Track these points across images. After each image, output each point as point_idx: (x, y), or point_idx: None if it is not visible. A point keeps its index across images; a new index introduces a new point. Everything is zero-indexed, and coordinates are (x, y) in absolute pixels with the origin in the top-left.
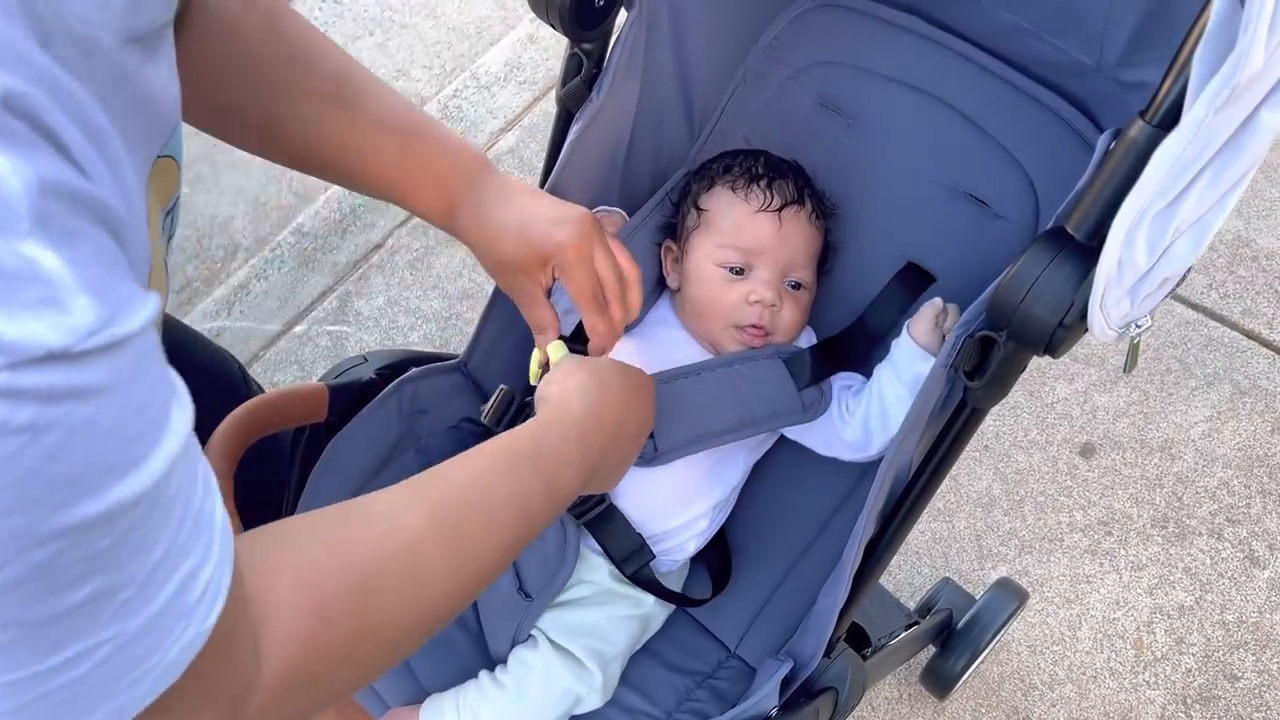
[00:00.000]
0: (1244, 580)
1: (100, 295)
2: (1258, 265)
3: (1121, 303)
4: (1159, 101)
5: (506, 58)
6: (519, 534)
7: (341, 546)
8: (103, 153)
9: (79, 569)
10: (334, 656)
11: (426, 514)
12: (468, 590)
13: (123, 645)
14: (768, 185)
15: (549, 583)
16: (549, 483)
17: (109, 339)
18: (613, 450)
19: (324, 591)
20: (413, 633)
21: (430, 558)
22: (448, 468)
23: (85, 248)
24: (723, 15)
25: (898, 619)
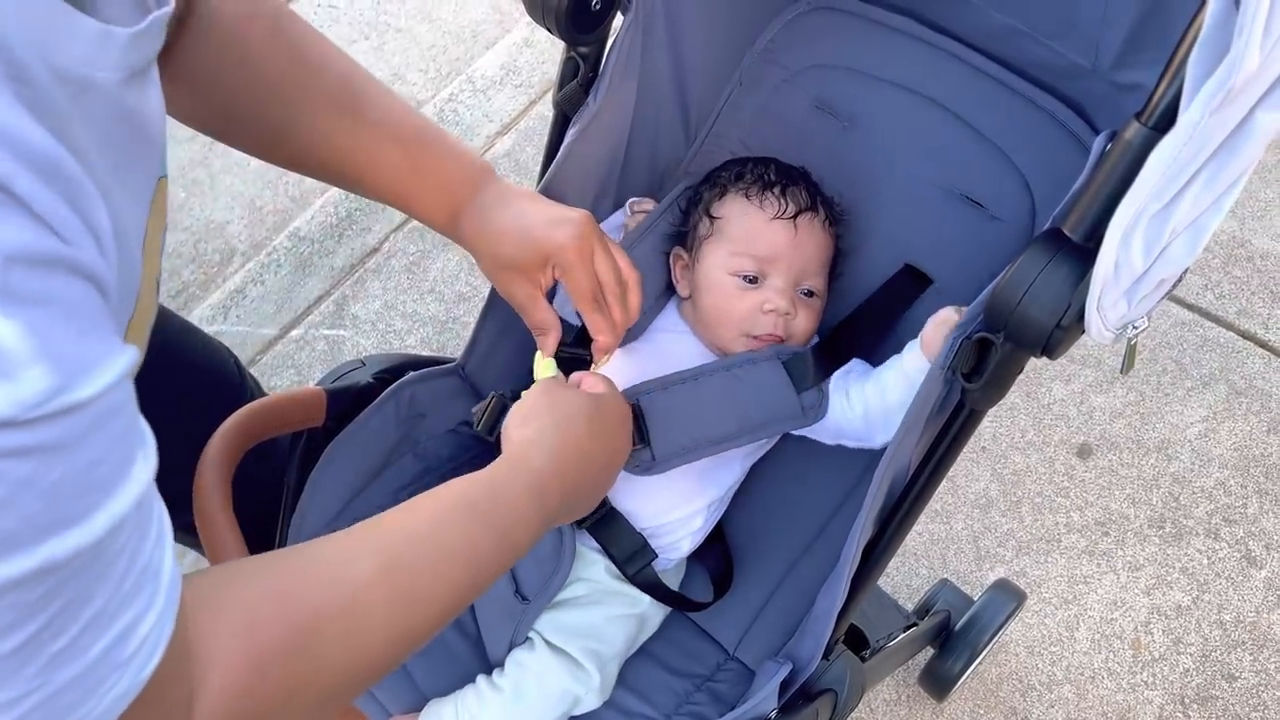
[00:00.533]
0: (1241, 580)
1: (58, 362)
2: (1253, 266)
3: (1119, 304)
4: (1154, 104)
5: (502, 61)
6: (468, 586)
7: (284, 595)
8: (74, 204)
9: (8, 618)
10: (268, 709)
11: (373, 565)
12: (412, 640)
13: (52, 695)
14: (782, 192)
15: (546, 584)
16: (502, 535)
17: (60, 406)
18: (574, 493)
19: (261, 642)
20: (351, 683)
21: (373, 609)
22: (400, 515)
23: (54, 311)
24: (718, 19)
25: (896, 621)
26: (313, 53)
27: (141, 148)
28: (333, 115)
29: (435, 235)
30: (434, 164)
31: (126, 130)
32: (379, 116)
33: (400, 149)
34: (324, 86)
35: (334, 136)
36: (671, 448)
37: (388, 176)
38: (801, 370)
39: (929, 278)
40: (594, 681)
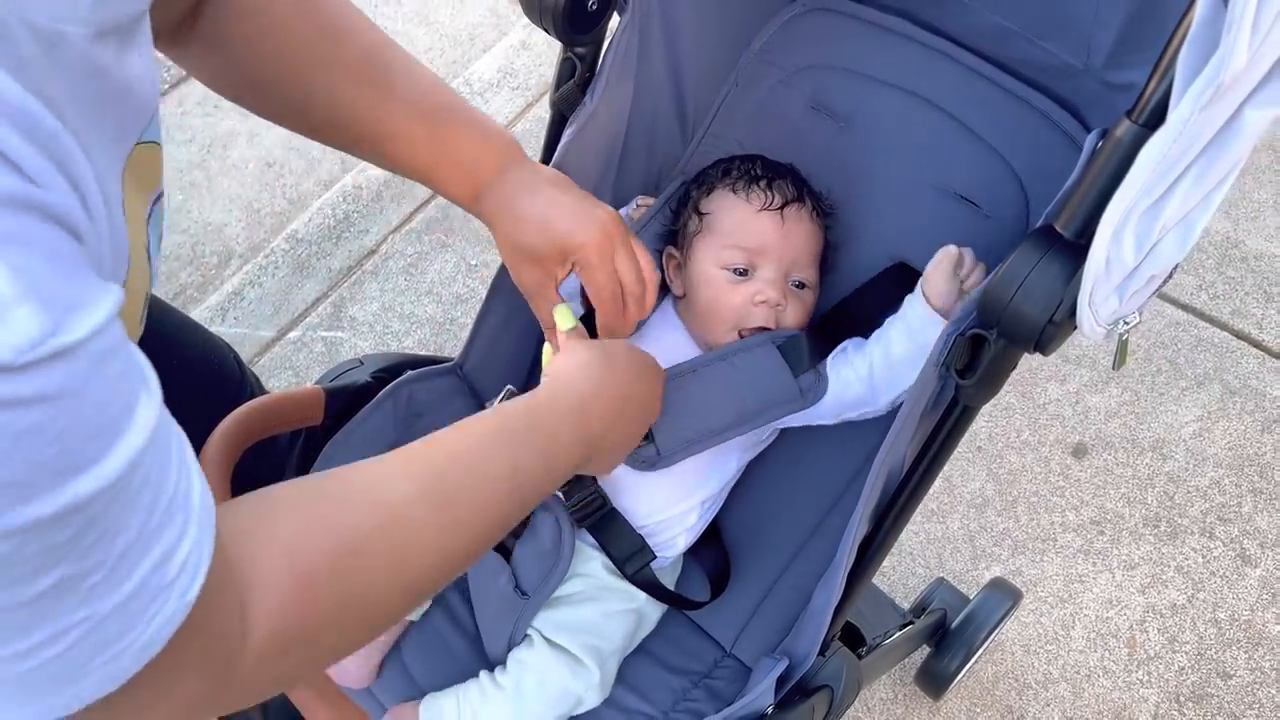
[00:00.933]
0: (1236, 579)
1: (46, 303)
2: (1246, 266)
3: (1110, 300)
4: (1145, 101)
5: (499, 64)
6: (511, 507)
7: (327, 517)
8: (53, 155)
9: (39, 560)
10: (319, 623)
11: (415, 485)
12: (457, 561)
13: (96, 625)
14: (768, 185)
15: (545, 579)
16: (544, 457)
17: (54, 348)
18: (612, 430)
19: (309, 561)
20: (399, 601)
21: (418, 529)
22: (441, 438)
23: (34, 252)
24: (714, 19)
25: (892, 619)
26: (341, 23)
27: (114, 108)
28: (357, 88)
29: (433, 237)
30: (457, 141)
31: (97, 87)
32: (405, 91)
33: (424, 124)
34: (350, 59)
35: (358, 109)
36: (676, 441)
37: (410, 152)
38: (797, 353)
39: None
40: (594, 678)
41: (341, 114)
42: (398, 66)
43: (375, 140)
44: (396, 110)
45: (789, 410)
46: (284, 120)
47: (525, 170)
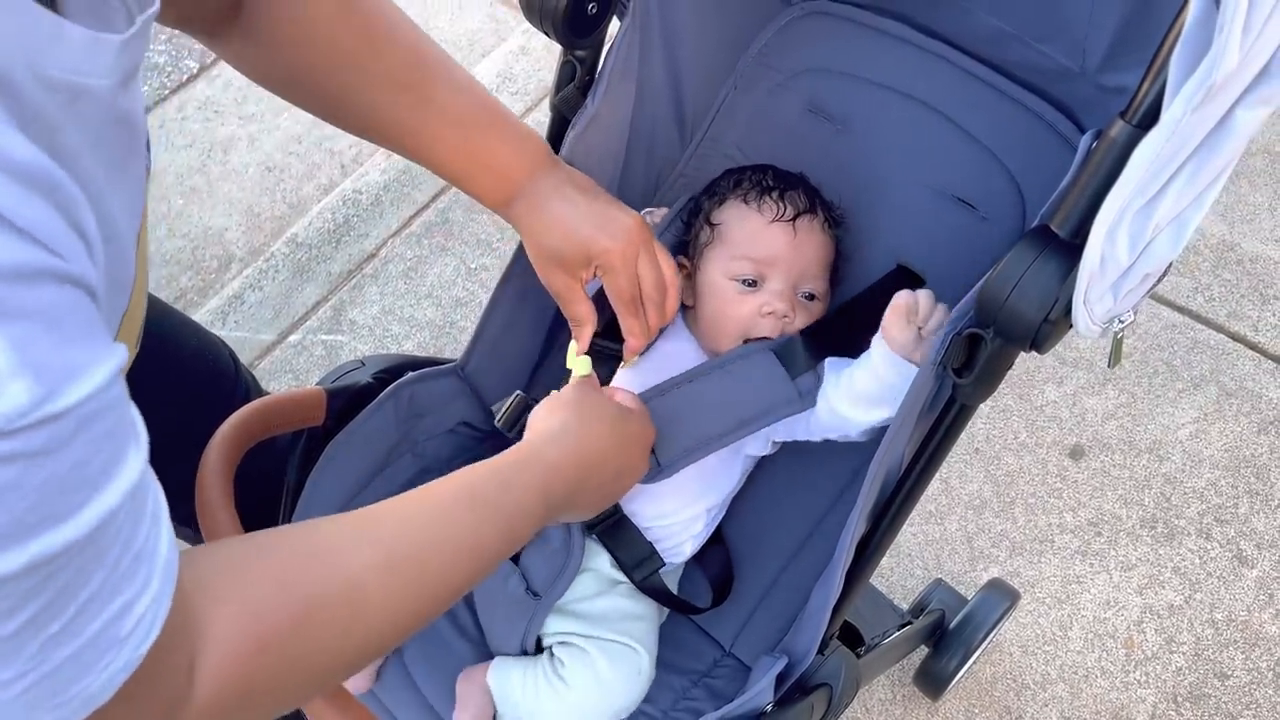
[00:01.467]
0: (1232, 579)
1: (41, 374)
2: (1242, 269)
3: (1105, 298)
4: (1138, 101)
5: (499, 69)
6: (470, 574)
7: (287, 580)
8: (66, 214)
9: (5, 605)
10: (266, 685)
11: (374, 553)
12: (411, 626)
13: (51, 672)
14: (780, 196)
15: (556, 579)
16: (506, 526)
17: (43, 415)
18: (580, 492)
19: (265, 624)
20: (348, 664)
21: (374, 596)
22: (406, 503)
23: (35, 323)
24: (713, 23)
25: (891, 619)
26: (381, 27)
27: (134, 146)
28: (394, 93)
29: (433, 240)
30: (489, 148)
31: (121, 132)
32: (441, 97)
33: (458, 131)
34: (388, 65)
35: (394, 113)
36: (676, 451)
37: (443, 157)
38: (793, 356)
39: (920, 277)
40: (644, 660)
41: (377, 117)
42: (436, 70)
43: (409, 144)
44: (432, 117)
45: (789, 412)
46: (321, 114)
47: (554, 175)
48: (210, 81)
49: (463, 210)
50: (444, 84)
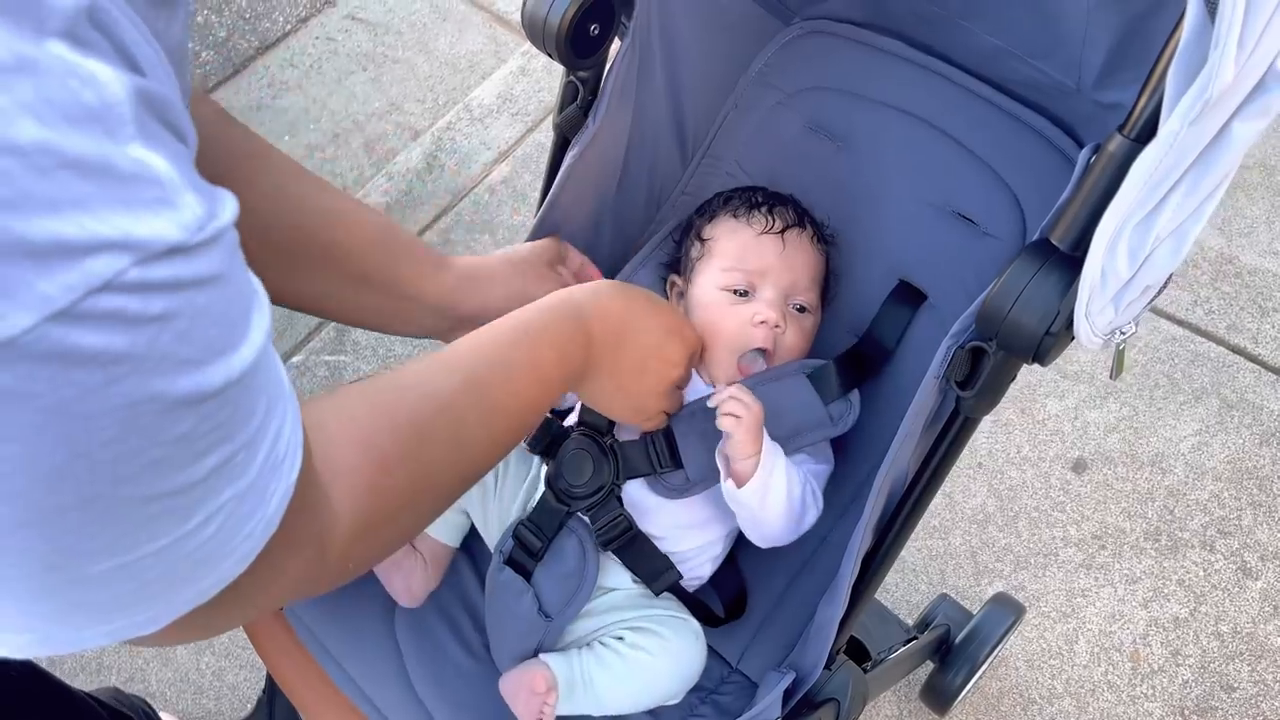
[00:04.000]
0: (1237, 591)
1: (199, 191)
2: (1241, 281)
3: (1105, 310)
4: (1136, 116)
5: (499, 90)
6: (538, 394)
7: (389, 408)
8: (166, 72)
9: (209, 439)
10: (396, 503)
11: (459, 379)
12: (501, 444)
13: (239, 502)
14: (769, 210)
15: (569, 601)
16: (561, 354)
17: (213, 231)
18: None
19: (380, 449)
20: (458, 480)
21: (465, 415)
22: (474, 337)
23: (177, 150)
24: (713, 42)
25: (896, 634)
26: (259, 139)
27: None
28: (301, 181)
29: None
30: (408, 234)
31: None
32: (337, 190)
33: (374, 214)
34: (284, 161)
35: (310, 194)
36: (705, 468)
37: (371, 231)
38: (826, 381)
39: (923, 293)
40: (696, 626)
41: (288, 204)
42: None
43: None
44: (344, 198)
45: (820, 436)
46: None
47: None
48: None
49: (464, 230)
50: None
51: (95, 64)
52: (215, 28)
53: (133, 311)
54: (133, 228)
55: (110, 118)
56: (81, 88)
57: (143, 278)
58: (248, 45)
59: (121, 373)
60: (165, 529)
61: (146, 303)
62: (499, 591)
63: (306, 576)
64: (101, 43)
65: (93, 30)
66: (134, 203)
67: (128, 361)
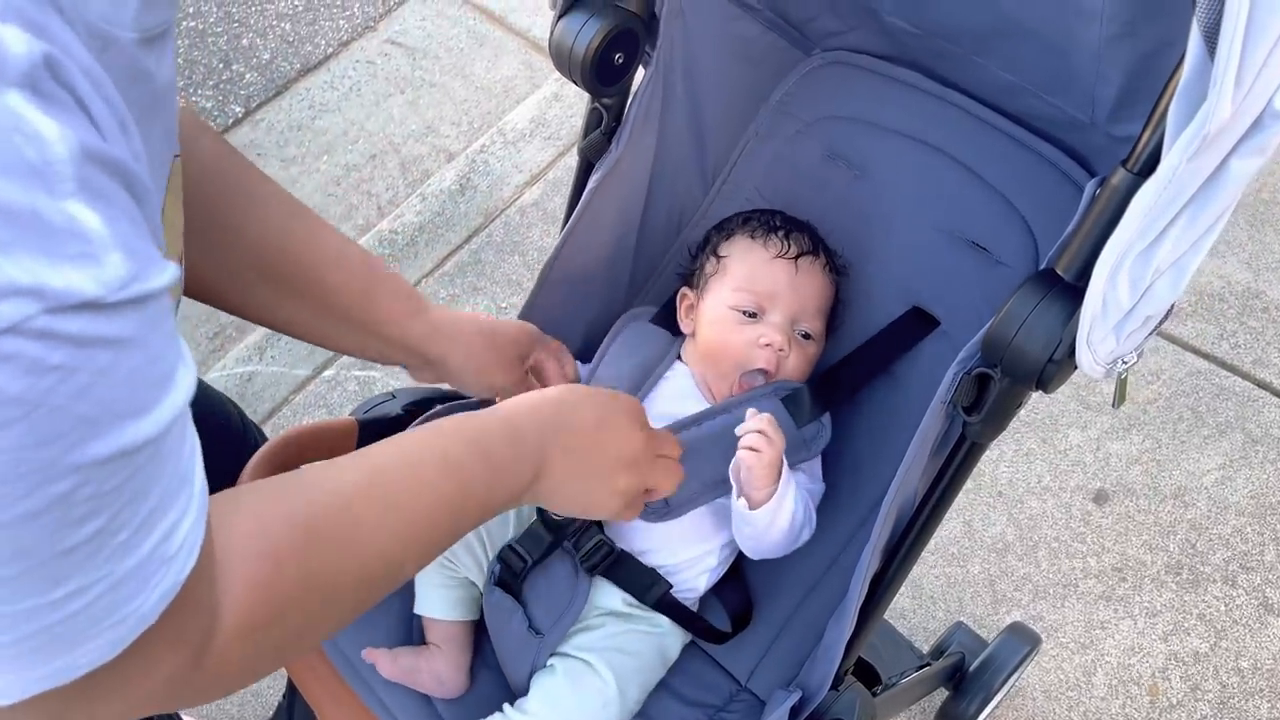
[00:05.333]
0: (1258, 627)
1: (130, 253)
2: (1268, 316)
3: (1107, 340)
4: (1139, 150)
5: (532, 115)
6: (455, 498)
7: (286, 502)
8: (124, 129)
9: (89, 506)
10: (284, 602)
11: (360, 475)
12: (405, 551)
13: (114, 585)
14: (785, 235)
15: (559, 618)
16: (487, 458)
17: (136, 293)
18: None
19: (273, 543)
20: (356, 584)
21: (365, 515)
22: (393, 439)
23: (118, 208)
24: (735, 72)
25: (909, 660)
26: (258, 171)
27: (158, 115)
28: (290, 211)
29: (465, 280)
30: (387, 270)
31: (143, 91)
32: (328, 226)
33: (357, 251)
34: (277, 192)
35: (293, 228)
36: (685, 492)
37: (350, 270)
38: (800, 405)
39: (935, 319)
40: (610, 690)
41: (275, 240)
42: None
43: (309, 264)
44: (331, 235)
45: (793, 460)
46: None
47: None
48: (254, 125)
49: (494, 251)
50: (327, 224)
51: (45, 120)
52: (259, 50)
53: (32, 357)
54: (50, 277)
55: (49, 174)
56: (25, 143)
57: (49, 327)
58: (290, 68)
59: (11, 417)
60: (27, 591)
61: (49, 351)
62: (493, 612)
63: (180, 677)
64: (62, 96)
65: (54, 83)
66: (56, 254)
67: (19, 406)
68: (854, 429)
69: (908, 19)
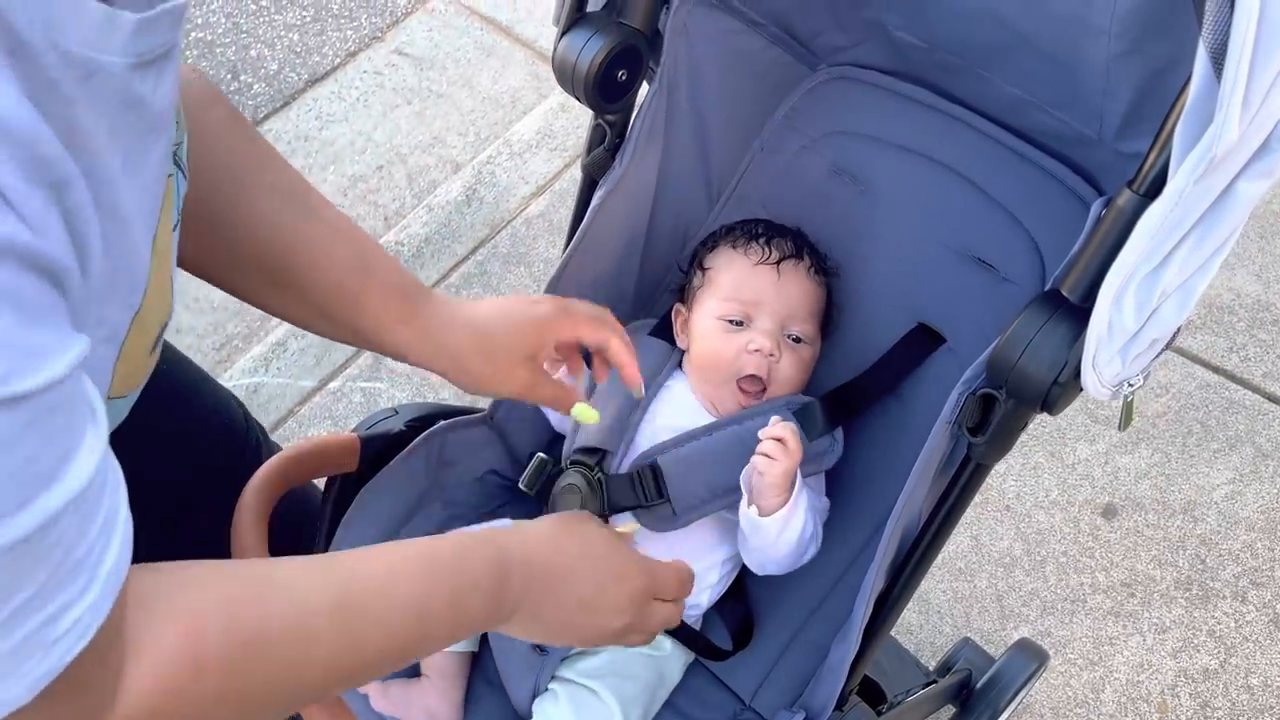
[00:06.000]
0: (1268, 644)
1: (9, 349)
2: (1278, 329)
3: (1113, 362)
4: (1145, 171)
5: (539, 126)
6: (414, 640)
7: (236, 609)
8: (54, 191)
9: None
10: (193, 709)
11: (326, 598)
12: (349, 679)
13: None
14: (766, 241)
15: None
16: (454, 600)
17: (2, 396)
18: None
19: (207, 647)
20: (275, 707)
21: (320, 641)
22: (362, 555)
23: (29, 302)
24: (740, 88)
25: (915, 677)
26: (266, 149)
27: (153, 139)
28: (283, 201)
29: (470, 292)
30: (385, 265)
31: (135, 118)
32: (329, 216)
33: (350, 247)
34: (276, 179)
35: (282, 220)
36: (690, 500)
37: (337, 269)
38: (811, 419)
39: (941, 336)
40: (615, 718)
41: (262, 225)
42: (321, 199)
43: (296, 256)
44: (322, 227)
45: (804, 473)
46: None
47: (452, 300)
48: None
49: (500, 263)
50: (329, 209)
51: None
52: (267, 61)
53: None
54: None
55: None
56: None
57: None
58: (297, 78)
59: None
60: None
61: None
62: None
63: None
64: None
65: None
66: None
67: None
68: (859, 446)
69: (915, 33)
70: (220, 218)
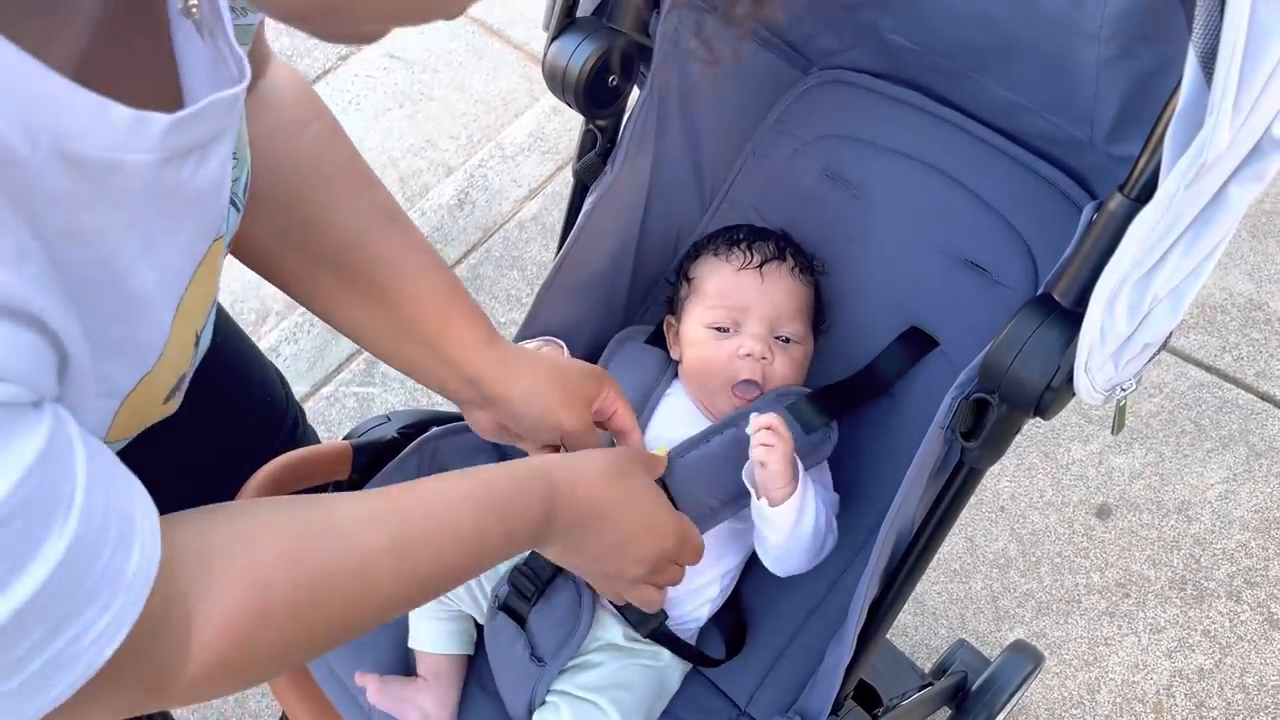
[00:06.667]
0: (1263, 643)
1: None
2: (1271, 328)
3: (1105, 367)
4: (1135, 176)
5: (531, 129)
6: (466, 569)
7: (298, 555)
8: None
9: None
10: (264, 653)
11: (387, 537)
12: (411, 604)
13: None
14: (748, 246)
15: (562, 646)
16: (507, 529)
17: None
18: (584, 536)
19: (272, 596)
20: (338, 640)
21: (383, 577)
22: (421, 490)
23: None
24: (732, 91)
25: (911, 680)
26: (364, 167)
27: (186, 217)
28: (378, 218)
29: None
30: (466, 294)
31: (164, 202)
32: (422, 240)
33: (442, 271)
34: (375, 197)
35: (375, 236)
36: (699, 508)
37: (430, 288)
38: (806, 412)
39: (934, 340)
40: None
41: (353, 238)
42: (410, 222)
43: (385, 274)
44: (415, 249)
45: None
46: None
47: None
48: None
49: (493, 266)
50: (417, 229)
51: None
52: None
53: None
54: None
55: None
56: None
57: None
58: None
59: None
60: None
61: None
62: (494, 636)
63: (129, 710)
64: None
65: None
66: None
67: None
68: (854, 451)
69: (907, 36)
70: (304, 227)
